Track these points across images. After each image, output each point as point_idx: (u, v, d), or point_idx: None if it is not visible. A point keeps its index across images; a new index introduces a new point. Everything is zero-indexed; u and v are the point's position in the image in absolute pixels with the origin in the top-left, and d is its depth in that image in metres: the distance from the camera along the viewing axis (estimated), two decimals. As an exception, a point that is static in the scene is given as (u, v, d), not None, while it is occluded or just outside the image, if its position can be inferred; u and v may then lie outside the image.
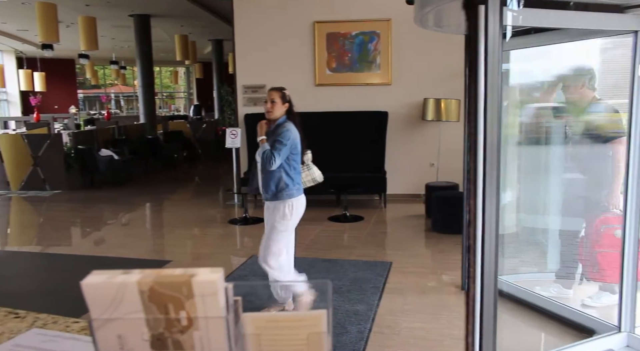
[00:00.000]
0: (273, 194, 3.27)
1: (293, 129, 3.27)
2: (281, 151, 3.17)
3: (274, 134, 3.23)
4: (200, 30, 15.42)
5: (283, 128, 3.23)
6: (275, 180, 3.25)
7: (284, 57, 7.33)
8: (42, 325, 1.05)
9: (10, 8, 11.90)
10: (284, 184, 3.25)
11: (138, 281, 0.54)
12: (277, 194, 3.26)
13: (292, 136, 3.22)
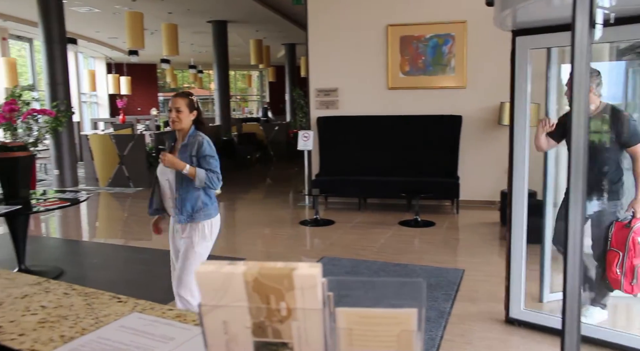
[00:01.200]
0: (189, 215, 2.87)
1: (204, 137, 2.91)
2: (217, 166, 2.88)
3: (191, 150, 2.86)
4: (274, 34, 15.82)
5: (202, 141, 2.87)
6: (192, 200, 2.86)
7: (357, 61, 7.37)
8: (141, 310, 1.14)
9: (103, 18, 12.80)
10: (202, 204, 2.88)
11: (244, 272, 0.58)
12: (193, 215, 2.87)
13: (213, 148, 2.90)
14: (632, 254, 3.06)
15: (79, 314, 1.12)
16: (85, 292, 1.26)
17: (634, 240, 3.04)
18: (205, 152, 2.85)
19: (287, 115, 18.32)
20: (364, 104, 7.36)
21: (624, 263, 3.06)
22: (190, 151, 2.84)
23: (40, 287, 1.30)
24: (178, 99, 2.87)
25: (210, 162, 2.85)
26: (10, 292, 1.27)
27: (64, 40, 9.11)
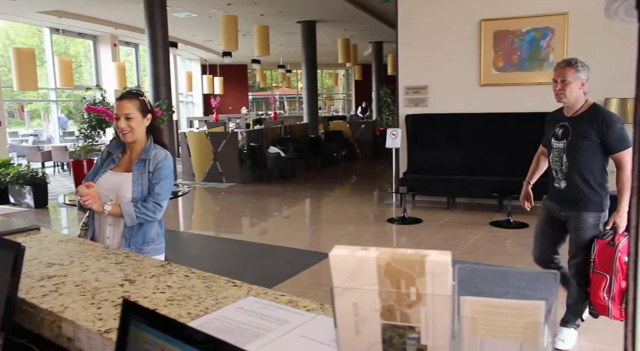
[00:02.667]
0: (138, 249, 2.19)
1: (170, 157, 2.30)
2: (167, 191, 2.24)
3: (150, 165, 2.23)
4: (361, 33, 15.86)
5: (165, 156, 2.26)
6: (143, 230, 2.23)
7: (448, 58, 7.20)
8: (255, 294, 1.22)
9: (199, 22, 13.53)
10: (155, 235, 2.28)
11: (377, 257, 0.62)
12: (143, 249, 2.22)
13: (172, 165, 2.29)
14: (620, 276, 2.65)
15: (200, 295, 1.23)
16: (204, 275, 1.37)
17: (621, 260, 2.63)
18: (163, 171, 2.23)
19: (373, 113, 18.28)
20: (455, 101, 7.18)
21: (612, 287, 2.68)
22: (148, 167, 2.23)
23: (164, 269, 1.43)
24: (125, 103, 2.21)
25: (161, 185, 2.21)
26: (140, 272, 1.41)
27: (166, 44, 9.75)
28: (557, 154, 2.86)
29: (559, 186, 2.86)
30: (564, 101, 2.79)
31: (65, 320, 1.11)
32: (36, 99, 16.16)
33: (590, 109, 2.76)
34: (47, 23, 12.80)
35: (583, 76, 2.73)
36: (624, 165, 2.69)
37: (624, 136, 2.69)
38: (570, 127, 2.78)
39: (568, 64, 2.75)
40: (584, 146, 2.74)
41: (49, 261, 1.53)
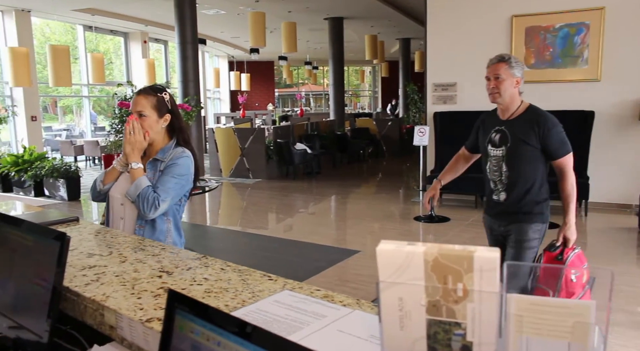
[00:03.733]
0: None
1: (190, 156, 2.08)
2: (172, 190, 1.99)
3: (162, 165, 2.05)
4: (388, 29, 15.76)
5: (182, 156, 2.05)
6: (157, 234, 2.02)
7: (477, 54, 7.08)
8: (291, 288, 1.23)
9: (227, 19, 13.65)
10: (172, 243, 2.04)
11: (424, 252, 0.62)
12: None
13: (191, 165, 2.07)
14: (563, 294, 2.30)
15: (237, 288, 1.24)
16: (239, 269, 1.39)
17: (567, 277, 2.31)
18: (174, 168, 2.01)
19: (399, 110, 18.16)
20: (484, 98, 6.97)
21: None
22: (160, 166, 2.04)
23: (200, 262, 1.46)
24: (140, 99, 2.02)
25: (168, 181, 1.98)
26: (177, 264, 1.44)
27: (195, 41, 9.87)
28: (495, 163, 2.56)
29: (499, 199, 2.58)
30: (498, 100, 2.50)
31: (107, 308, 1.15)
32: (69, 95, 16.56)
33: (528, 111, 2.50)
34: (81, 21, 13.09)
35: (517, 73, 2.46)
36: (567, 171, 2.46)
37: (564, 139, 2.46)
38: (508, 132, 2.50)
39: (501, 60, 2.48)
40: (525, 153, 2.47)
41: (89, 251, 1.58)
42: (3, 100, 11.56)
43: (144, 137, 2.00)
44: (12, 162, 8.08)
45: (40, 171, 7.86)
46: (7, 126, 11.13)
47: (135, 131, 1.97)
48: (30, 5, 10.94)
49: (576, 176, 6.54)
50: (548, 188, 2.56)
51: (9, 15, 11.06)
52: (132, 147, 1.98)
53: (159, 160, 2.04)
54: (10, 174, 8.10)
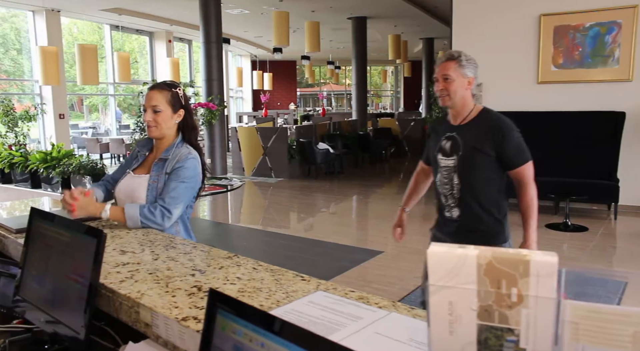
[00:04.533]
0: None
1: (197, 157, 2.00)
2: (180, 197, 1.90)
3: (168, 166, 1.96)
4: (412, 29, 15.66)
5: (188, 156, 1.96)
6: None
7: (504, 54, 6.99)
8: (325, 289, 1.22)
9: (251, 18, 13.72)
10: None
11: (477, 255, 0.60)
12: None
13: (198, 166, 1.99)
14: None
15: (270, 287, 1.24)
16: (271, 269, 1.38)
17: None
18: (181, 172, 1.92)
19: (422, 110, 18.03)
20: (510, 99, 6.97)
21: None
22: (166, 167, 1.96)
23: (231, 261, 1.46)
24: (155, 94, 1.97)
25: (176, 188, 1.90)
26: (209, 263, 1.44)
27: (220, 40, 9.94)
28: (446, 175, 2.26)
29: (451, 216, 2.26)
30: (448, 104, 2.20)
31: (143, 306, 1.15)
32: (95, 93, 16.85)
33: (482, 115, 2.20)
34: (108, 20, 13.31)
35: (469, 73, 2.16)
36: (526, 182, 2.17)
37: (522, 146, 2.17)
38: (459, 138, 2.20)
39: (450, 58, 2.17)
40: (479, 162, 2.17)
41: (121, 248, 1.59)
42: (33, 98, 11.83)
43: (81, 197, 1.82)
44: (41, 159, 8.25)
45: (68, 168, 8.00)
46: (36, 124, 11.38)
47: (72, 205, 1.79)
48: (60, 5, 11.17)
49: (606, 178, 6.35)
50: (506, 203, 2.27)
51: (40, 15, 11.31)
52: (85, 212, 1.83)
53: (165, 159, 1.97)
54: (39, 171, 8.27)
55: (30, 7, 11.11)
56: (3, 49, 13.71)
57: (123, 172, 2.09)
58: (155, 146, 2.07)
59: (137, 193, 1.95)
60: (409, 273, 4.39)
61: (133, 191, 1.97)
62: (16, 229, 1.81)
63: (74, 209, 1.79)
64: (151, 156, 2.06)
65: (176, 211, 1.89)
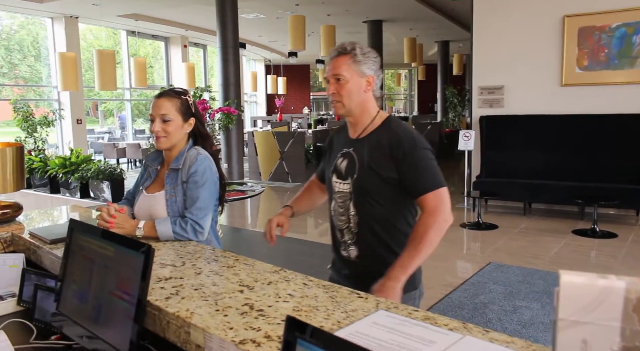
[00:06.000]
0: None
1: (204, 153, 1.87)
2: (206, 208, 1.80)
3: (183, 175, 1.84)
4: (428, 32, 15.55)
5: (198, 159, 1.83)
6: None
7: (526, 56, 6.86)
8: (385, 307, 1.14)
9: (266, 23, 13.72)
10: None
11: (626, 288, 0.51)
12: None
13: (211, 165, 1.86)
14: None
15: (327, 306, 1.16)
16: (323, 284, 1.30)
17: None
18: (197, 177, 1.80)
19: (437, 114, 17.88)
20: (533, 102, 6.84)
21: None
22: (181, 176, 1.84)
23: (279, 275, 1.38)
24: (163, 102, 1.83)
25: (199, 194, 1.79)
26: (256, 277, 1.36)
27: (236, 44, 9.93)
28: (341, 203, 1.76)
29: (348, 255, 1.77)
30: (342, 111, 1.71)
31: (194, 326, 1.08)
32: (111, 99, 16.95)
33: (384, 126, 1.70)
34: (124, 26, 13.38)
35: (368, 70, 1.68)
36: (428, 213, 1.60)
37: (431, 168, 1.63)
38: (356, 156, 1.72)
39: (341, 53, 1.68)
40: (379, 188, 1.67)
41: (161, 261, 1.52)
42: (50, 104, 11.90)
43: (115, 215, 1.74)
44: (60, 164, 8.27)
45: (86, 173, 8.01)
46: (54, 129, 11.45)
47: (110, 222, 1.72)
48: (78, 12, 11.24)
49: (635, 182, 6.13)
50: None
51: (59, 21, 11.39)
52: (122, 230, 1.73)
53: (177, 169, 1.85)
54: (58, 176, 8.29)
55: (49, 14, 11.20)
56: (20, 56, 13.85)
57: (137, 190, 1.99)
58: (165, 159, 1.93)
59: (157, 212, 1.84)
60: (434, 280, 4.29)
61: (152, 210, 1.85)
62: (51, 240, 1.75)
63: (112, 227, 1.71)
64: (163, 170, 1.92)
65: (207, 223, 1.81)
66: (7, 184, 2.05)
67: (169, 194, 1.83)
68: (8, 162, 2.05)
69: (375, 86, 1.70)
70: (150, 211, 1.86)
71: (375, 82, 1.70)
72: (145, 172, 1.99)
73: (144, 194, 1.92)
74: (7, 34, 13.52)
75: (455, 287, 4.10)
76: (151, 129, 1.85)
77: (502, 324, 3.40)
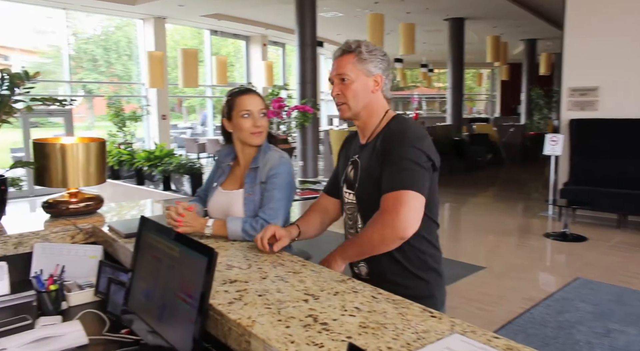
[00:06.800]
0: None
1: (287, 157, 1.86)
2: (280, 208, 1.77)
3: (262, 174, 1.82)
4: (513, 30, 14.83)
5: (279, 160, 1.82)
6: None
7: (625, 56, 6.30)
8: (461, 331, 1.03)
9: (345, 21, 13.69)
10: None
11: None
12: None
13: (291, 168, 1.85)
14: None
15: (396, 324, 1.07)
16: (393, 299, 1.22)
17: None
18: (276, 179, 1.78)
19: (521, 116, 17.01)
20: (632, 105, 6.27)
21: None
22: (260, 176, 1.82)
23: (346, 285, 1.31)
24: (257, 98, 1.86)
25: (275, 198, 1.77)
26: (322, 286, 1.30)
27: (314, 43, 9.97)
28: (350, 215, 1.66)
29: (359, 272, 1.65)
30: (348, 114, 1.59)
31: (255, 336, 1.03)
32: (194, 95, 17.68)
33: (386, 127, 1.56)
34: (208, 25, 13.89)
35: (374, 69, 1.55)
36: (383, 211, 1.43)
37: (406, 168, 1.43)
38: (360, 164, 1.60)
39: (346, 51, 1.58)
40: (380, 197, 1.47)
41: (227, 262, 1.50)
42: (139, 100, 12.60)
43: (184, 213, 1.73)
44: (145, 158, 8.71)
45: (169, 166, 8.38)
46: (142, 124, 12.12)
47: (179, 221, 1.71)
48: (166, 13, 11.81)
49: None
50: (435, 248, 1.62)
51: (149, 23, 12.03)
52: (191, 229, 1.73)
53: (256, 168, 1.83)
54: (143, 169, 8.74)
55: (141, 15, 11.86)
56: (116, 55, 14.79)
57: (210, 186, 1.98)
58: (240, 155, 1.90)
59: (233, 209, 1.82)
60: (514, 293, 4.04)
61: (228, 207, 1.84)
62: (125, 234, 1.79)
63: (180, 226, 1.70)
64: (236, 166, 1.92)
65: (279, 222, 1.77)
66: (91, 177, 2.13)
67: (247, 192, 1.82)
68: (92, 157, 2.13)
69: (385, 86, 1.58)
70: (226, 209, 1.85)
71: (384, 81, 1.57)
72: (218, 168, 1.98)
73: (219, 190, 1.91)
74: (105, 35, 14.50)
75: (536, 302, 3.83)
76: (242, 125, 1.81)
77: (592, 348, 3.11)
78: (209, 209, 1.93)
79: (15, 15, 11.33)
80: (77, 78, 13.15)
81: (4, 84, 1.99)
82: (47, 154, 2.06)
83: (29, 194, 8.50)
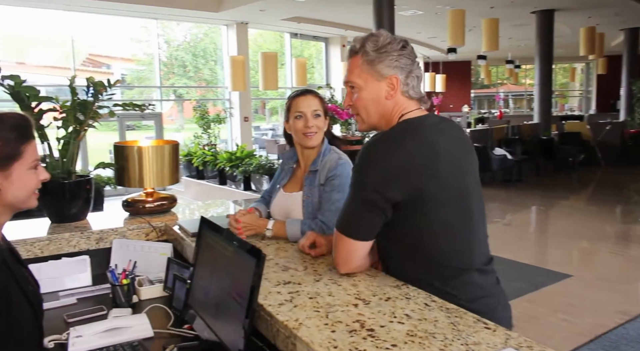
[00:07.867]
0: None
1: (346, 159, 1.81)
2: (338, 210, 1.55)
3: (321, 177, 1.79)
4: (610, 19, 13.74)
5: (340, 162, 1.78)
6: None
7: None
8: (516, 345, 0.97)
9: (424, 19, 13.40)
10: None
11: None
12: None
13: (349, 172, 1.66)
14: None
15: (446, 334, 1.02)
16: (446, 307, 1.17)
17: None
18: (335, 181, 1.75)
19: (620, 113, 15.72)
20: None
21: None
22: (319, 178, 1.80)
23: (400, 291, 1.27)
24: (313, 98, 1.84)
25: (332, 200, 1.73)
26: (374, 291, 1.27)
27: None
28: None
29: None
30: (362, 128, 1.42)
31: (299, 339, 1.03)
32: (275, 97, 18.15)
33: None
34: (288, 29, 14.19)
35: (387, 70, 1.31)
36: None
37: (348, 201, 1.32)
38: None
39: (351, 53, 1.37)
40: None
41: (284, 264, 1.52)
42: (223, 103, 13.15)
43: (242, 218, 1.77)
44: (227, 158, 9.06)
45: (249, 167, 8.64)
46: (225, 126, 12.64)
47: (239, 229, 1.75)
48: (248, 18, 12.22)
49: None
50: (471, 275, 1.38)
51: (232, 28, 12.53)
52: (252, 230, 1.78)
53: (315, 170, 1.82)
54: (225, 169, 9.10)
55: (224, 21, 12.36)
56: (204, 61, 15.55)
57: (274, 187, 2.00)
58: (302, 158, 1.90)
59: (293, 211, 1.85)
60: (606, 305, 3.74)
61: (289, 209, 1.87)
62: (192, 233, 1.87)
63: (240, 233, 1.75)
64: (298, 169, 1.93)
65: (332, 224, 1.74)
66: (164, 178, 2.25)
67: (306, 194, 1.82)
68: (166, 159, 2.25)
69: (406, 86, 1.33)
70: (287, 211, 1.88)
71: (406, 81, 1.33)
72: (282, 170, 2.01)
73: (281, 192, 1.94)
74: (194, 42, 15.29)
75: (633, 317, 3.51)
76: (298, 126, 1.82)
77: (691, 369, 2.81)
78: (272, 210, 1.96)
79: (115, 26, 12.27)
80: (169, 83, 13.97)
81: (89, 91, 2.15)
82: (126, 156, 2.19)
83: (123, 192, 9.16)
